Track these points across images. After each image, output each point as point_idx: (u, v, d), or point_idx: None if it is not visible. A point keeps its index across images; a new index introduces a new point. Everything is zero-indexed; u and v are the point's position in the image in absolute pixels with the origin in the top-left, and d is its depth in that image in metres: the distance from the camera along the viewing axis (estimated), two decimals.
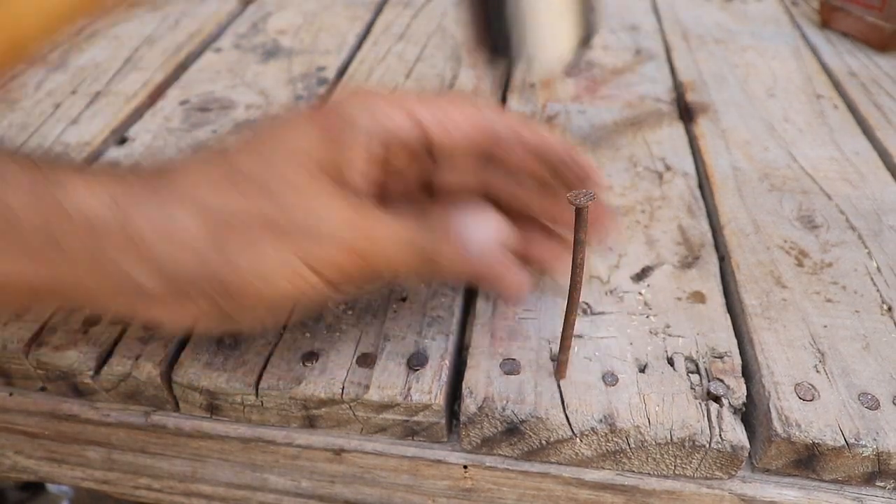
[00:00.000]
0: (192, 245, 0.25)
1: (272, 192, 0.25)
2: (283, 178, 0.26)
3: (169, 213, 0.25)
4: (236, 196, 0.25)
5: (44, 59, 0.58)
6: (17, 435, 0.36)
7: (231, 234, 0.25)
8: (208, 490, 0.37)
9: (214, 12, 0.68)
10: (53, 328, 0.33)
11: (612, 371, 0.31)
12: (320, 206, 0.26)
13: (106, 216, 0.24)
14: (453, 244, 0.27)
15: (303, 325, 0.33)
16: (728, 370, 0.31)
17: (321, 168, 0.26)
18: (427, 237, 0.27)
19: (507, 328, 0.33)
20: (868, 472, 0.29)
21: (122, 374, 0.32)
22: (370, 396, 0.30)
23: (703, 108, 0.52)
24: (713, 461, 0.29)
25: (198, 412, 0.33)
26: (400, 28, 0.65)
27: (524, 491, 0.32)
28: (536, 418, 0.29)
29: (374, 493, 0.34)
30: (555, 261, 0.32)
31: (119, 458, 0.36)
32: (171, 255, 0.24)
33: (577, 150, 0.30)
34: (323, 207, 0.26)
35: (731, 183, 0.43)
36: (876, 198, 0.42)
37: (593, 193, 0.24)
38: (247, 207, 0.25)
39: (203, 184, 0.26)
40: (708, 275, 0.36)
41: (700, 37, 0.64)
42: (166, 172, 0.26)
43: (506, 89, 0.55)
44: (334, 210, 0.26)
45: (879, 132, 0.48)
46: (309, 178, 0.26)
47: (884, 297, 0.35)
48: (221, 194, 0.25)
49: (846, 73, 0.57)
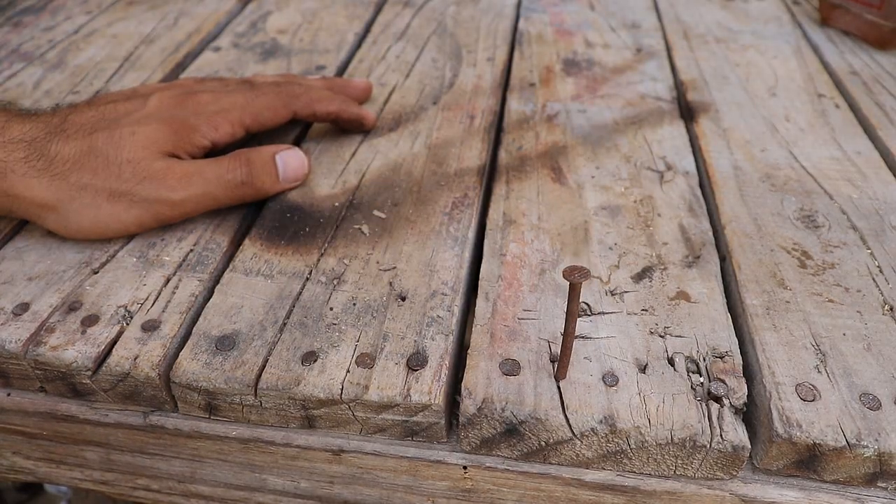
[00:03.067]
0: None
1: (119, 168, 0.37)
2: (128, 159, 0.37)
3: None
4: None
5: (42, 58, 0.58)
6: (16, 435, 0.36)
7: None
8: (207, 491, 0.37)
9: (213, 11, 0.68)
10: (52, 328, 0.33)
11: (612, 371, 0.31)
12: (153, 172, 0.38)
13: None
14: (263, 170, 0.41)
15: (302, 325, 0.33)
16: (729, 370, 0.31)
17: (163, 152, 0.38)
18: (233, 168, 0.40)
19: (507, 329, 0.33)
20: (869, 472, 0.29)
21: (120, 375, 0.32)
22: (369, 397, 0.30)
23: (703, 107, 0.52)
24: (714, 462, 0.29)
25: (196, 412, 0.33)
26: (399, 27, 0.65)
27: (524, 492, 0.32)
28: (536, 419, 0.29)
29: (373, 493, 0.34)
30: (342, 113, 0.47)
31: (117, 458, 0.36)
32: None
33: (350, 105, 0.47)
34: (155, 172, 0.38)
35: (733, 182, 0.43)
36: (878, 197, 0.42)
37: (587, 272, 0.28)
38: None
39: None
40: (709, 275, 0.36)
41: (701, 35, 0.64)
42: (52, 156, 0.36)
43: (505, 88, 0.55)
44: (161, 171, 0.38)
45: (881, 131, 0.48)
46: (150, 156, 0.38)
47: (886, 297, 0.35)
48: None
49: (848, 72, 0.57)
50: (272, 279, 0.36)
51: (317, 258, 0.37)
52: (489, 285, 0.35)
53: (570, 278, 0.28)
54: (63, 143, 0.37)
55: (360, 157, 0.46)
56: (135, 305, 0.34)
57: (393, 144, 0.47)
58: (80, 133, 0.38)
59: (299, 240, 0.39)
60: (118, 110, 0.40)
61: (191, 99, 0.42)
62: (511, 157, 0.46)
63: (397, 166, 0.45)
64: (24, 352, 0.32)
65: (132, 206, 0.37)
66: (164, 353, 0.32)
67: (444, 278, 0.36)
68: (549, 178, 0.44)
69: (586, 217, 0.40)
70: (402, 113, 0.51)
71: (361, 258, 0.37)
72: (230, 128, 0.42)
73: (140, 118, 0.39)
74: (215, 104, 0.42)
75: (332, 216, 0.40)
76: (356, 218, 0.40)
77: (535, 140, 0.48)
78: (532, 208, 0.41)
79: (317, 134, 0.49)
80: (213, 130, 0.41)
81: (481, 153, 0.46)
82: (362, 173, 0.44)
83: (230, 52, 0.60)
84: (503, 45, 0.61)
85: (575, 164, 0.45)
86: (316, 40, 0.62)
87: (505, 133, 0.49)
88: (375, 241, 0.38)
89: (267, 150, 0.41)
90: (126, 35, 0.63)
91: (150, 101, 0.41)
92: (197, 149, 0.40)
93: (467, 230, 0.39)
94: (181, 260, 0.37)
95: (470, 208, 0.41)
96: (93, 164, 0.37)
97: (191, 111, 0.41)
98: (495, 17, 0.67)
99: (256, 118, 0.43)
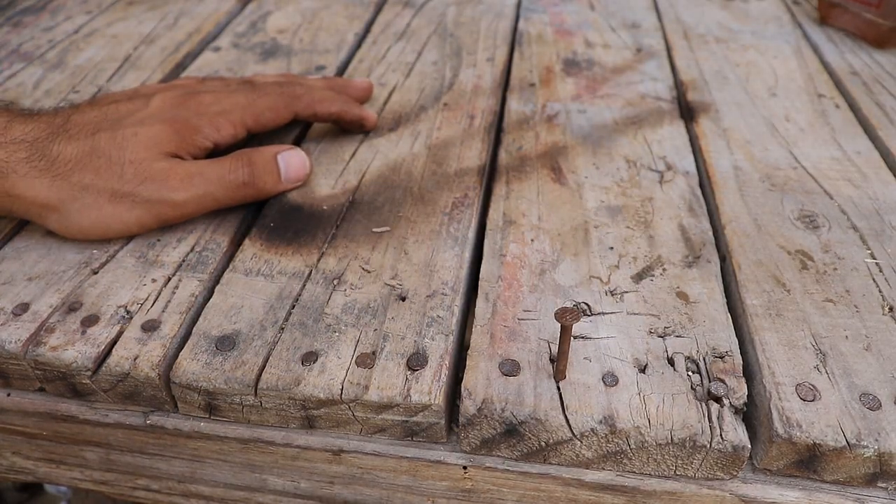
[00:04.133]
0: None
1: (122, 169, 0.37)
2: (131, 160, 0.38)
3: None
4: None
5: (42, 58, 0.58)
6: (15, 436, 0.36)
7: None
8: (207, 491, 0.37)
9: (213, 11, 0.68)
10: (51, 328, 0.33)
11: (611, 372, 0.31)
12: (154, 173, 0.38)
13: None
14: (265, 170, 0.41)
15: (302, 326, 0.33)
16: (729, 370, 0.31)
17: (166, 152, 0.38)
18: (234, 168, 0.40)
19: (507, 329, 0.33)
20: (870, 472, 0.29)
21: (120, 375, 0.32)
22: (369, 397, 0.30)
23: (704, 107, 0.52)
24: (714, 462, 0.29)
25: (196, 413, 0.33)
26: (399, 27, 0.65)
27: (524, 492, 0.32)
28: (535, 420, 0.29)
29: (373, 493, 0.34)
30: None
31: (117, 458, 0.36)
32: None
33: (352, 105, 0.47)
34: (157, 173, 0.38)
35: (733, 182, 0.43)
36: (878, 197, 0.42)
37: (579, 314, 0.28)
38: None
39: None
40: (709, 274, 0.36)
41: (701, 35, 0.64)
42: (55, 157, 0.36)
43: (505, 89, 0.55)
44: (163, 171, 0.38)
45: (881, 131, 0.48)
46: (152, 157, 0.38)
47: (885, 297, 0.35)
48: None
49: (848, 72, 0.57)
50: (272, 279, 0.36)
51: (317, 258, 0.37)
52: (489, 286, 0.35)
53: (562, 321, 0.28)
54: (65, 144, 0.37)
55: (360, 158, 0.46)
56: (135, 305, 0.34)
57: (393, 144, 0.47)
58: (82, 133, 0.38)
59: (299, 240, 0.39)
60: (120, 111, 0.40)
61: (193, 100, 0.42)
62: (511, 158, 0.46)
63: (397, 166, 0.45)
64: (23, 352, 0.32)
65: (134, 207, 0.37)
66: (163, 354, 0.32)
67: (444, 278, 0.36)
68: (549, 179, 0.44)
69: (586, 217, 0.40)
70: (402, 113, 0.51)
71: (361, 258, 0.37)
72: (232, 129, 0.42)
73: (142, 118, 0.39)
74: (217, 105, 0.42)
75: (332, 216, 0.40)
76: (356, 218, 0.40)
77: (535, 140, 0.48)
78: (532, 208, 0.41)
79: (317, 134, 0.49)
80: (216, 131, 0.41)
81: (481, 153, 0.46)
82: (362, 173, 0.44)
83: (230, 52, 0.60)
84: (503, 45, 0.61)
85: (575, 164, 0.45)
86: (316, 40, 0.62)
87: (505, 133, 0.49)
88: (375, 241, 0.38)
89: (269, 151, 0.41)
90: (126, 35, 0.63)
91: (152, 101, 0.41)
92: (199, 150, 0.40)
93: (467, 230, 0.39)
94: (181, 260, 0.37)
95: (470, 208, 0.41)
96: (95, 164, 0.37)
97: (193, 112, 0.41)
98: (495, 17, 0.67)
99: (258, 119, 0.43)
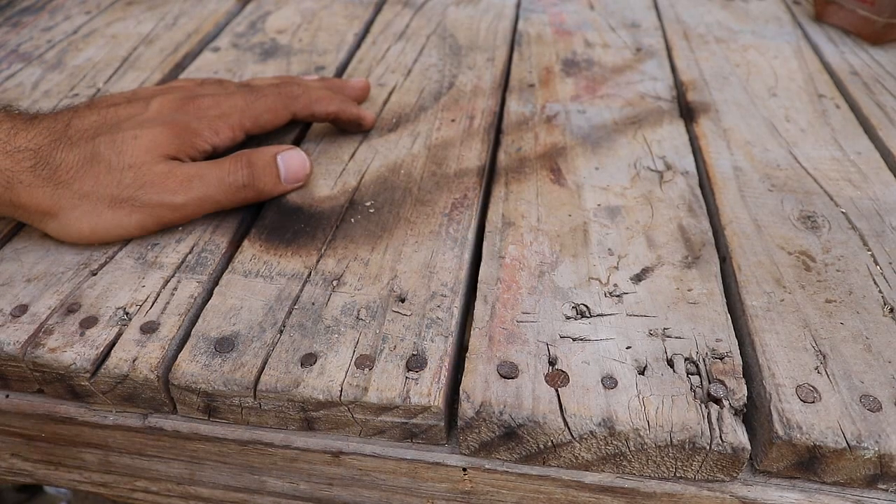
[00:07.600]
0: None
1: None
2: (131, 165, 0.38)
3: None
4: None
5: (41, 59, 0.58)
6: (14, 437, 0.36)
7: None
8: (206, 493, 0.37)
9: (212, 11, 0.68)
10: (50, 330, 0.33)
11: (610, 374, 0.31)
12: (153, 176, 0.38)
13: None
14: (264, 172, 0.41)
15: (301, 327, 0.33)
16: (729, 371, 0.31)
17: (165, 155, 0.38)
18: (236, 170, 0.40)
19: (505, 332, 0.33)
20: (870, 474, 0.29)
21: (119, 377, 0.32)
22: (369, 399, 0.30)
23: (703, 107, 0.52)
24: (714, 463, 0.29)
25: (195, 414, 0.33)
26: (399, 28, 0.65)
27: (524, 494, 0.32)
28: (534, 423, 0.29)
29: (372, 495, 0.34)
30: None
31: (116, 460, 0.36)
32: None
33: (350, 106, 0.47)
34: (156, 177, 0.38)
35: (733, 183, 0.43)
36: (878, 198, 0.42)
37: (567, 377, 0.30)
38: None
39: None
40: (709, 275, 0.36)
41: (701, 35, 0.63)
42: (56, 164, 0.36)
43: (505, 89, 0.55)
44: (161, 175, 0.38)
45: (882, 132, 0.48)
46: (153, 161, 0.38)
47: (886, 297, 0.35)
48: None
49: (848, 72, 0.56)
50: (271, 280, 0.36)
51: (316, 259, 0.37)
52: (488, 288, 0.35)
53: (554, 385, 0.30)
54: (67, 151, 0.37)
55: (359, 158, 0.46)
56: (133, 307, 0.34)
57: (392, 145, 0.47)
58: (82, 138, 0.38)
59: (298, 241, 0.39)
60: (120, 114, 0.40)
61: (192, 103, 0.42)
62: (510, 159, 0.46)
63: (397, 167, 0.45)
64: (22, 353, 0.32)
65: (134, 212, 0.37)
66: (162, 355, 0.32)
67: (443, 279, 0.36)
68: (549, 180, 0.43)
69: (585, 218, 0.40)
70: (402, 113, 0.51)
71: (361, 259, 0.37)
72: (231, 132, 0.42)
73: (142, 122, 0.39)
74: (216, 108, 0.42)
75: (332, 217, 0.40)
76: (356, 219, 0.40)
77: (535, 141, 0.48)
78: (531, 210, 0.41)
79: (316, 135, 0.48)
80: (215, 135, 0.41)
81: (481, 154, 0.46)
82: (361, 174, 0.44)
83: (229, 52, 0.60)
84: (503, 46, 0.61)
85: (574, 164, 0.45)
86: (315, 41, 0.62)
87: (504, 134, 0.49)
88: (375, 243, 0.38)
89: (268, 151, 0.41)
90: (125, 35, 0.63)
91: (151, 104, 0.41)
92: (198, 153, 0.40)
93: (467, 231, 0.39)
94: (180, 261, 0.37)
95: (469, 209, 0.41)
96: (95, 170, 0.37)
97: (192, 116, 0.41)
98: (495, 17, 0.67)
99: (256, 121, 0.43)
